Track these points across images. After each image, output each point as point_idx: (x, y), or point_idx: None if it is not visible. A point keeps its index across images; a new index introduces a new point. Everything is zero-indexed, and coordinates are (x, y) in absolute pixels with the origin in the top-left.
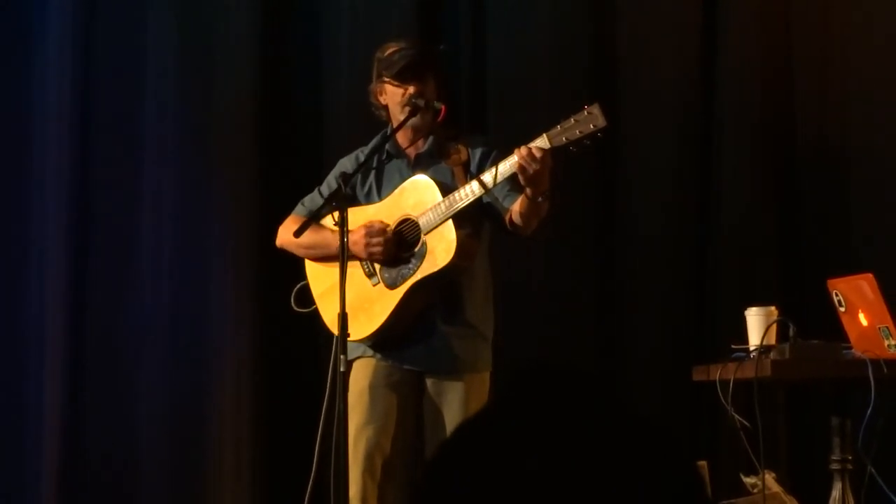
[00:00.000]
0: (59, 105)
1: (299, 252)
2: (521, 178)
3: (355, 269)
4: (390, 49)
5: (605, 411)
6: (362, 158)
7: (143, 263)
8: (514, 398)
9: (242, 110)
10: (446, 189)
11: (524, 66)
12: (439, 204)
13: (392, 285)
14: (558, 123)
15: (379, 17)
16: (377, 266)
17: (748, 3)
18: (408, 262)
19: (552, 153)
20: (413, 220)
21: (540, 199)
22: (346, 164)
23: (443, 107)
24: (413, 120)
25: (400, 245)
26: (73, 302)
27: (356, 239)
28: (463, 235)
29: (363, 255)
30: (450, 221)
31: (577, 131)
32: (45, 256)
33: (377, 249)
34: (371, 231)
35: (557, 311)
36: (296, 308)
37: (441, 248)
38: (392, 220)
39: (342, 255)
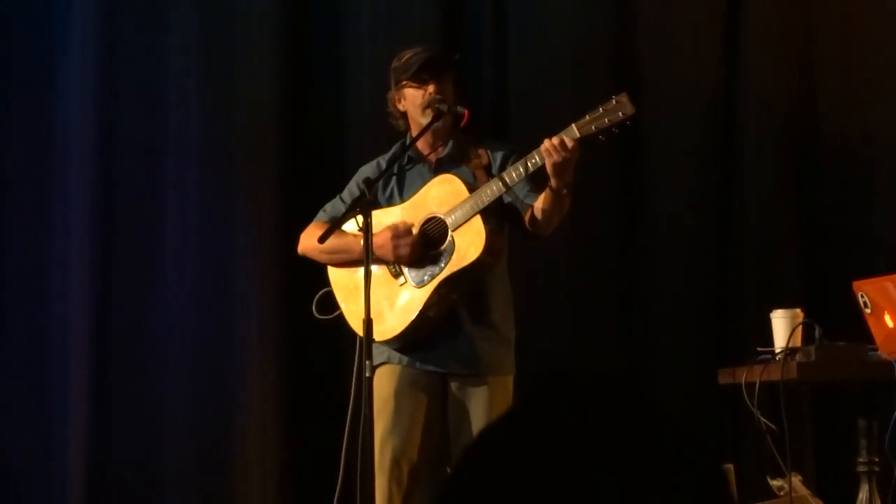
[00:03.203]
0: (82, 114)
1: (322, 258)
2: (548, 167)
3: (381, 271)
4: (406, 55)
5: (630, 414)
6: (384, 165)
7: (166, 271)
8: (537, 402)
9: (265, 119)
10: (470, 188)
11: (546, 71)
12: (466, 200)
13: (420, 284)
14: (587, 113)
15: (401, 22)
16: (404, 266)
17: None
18: (435, 259)
19: (581, 143)
20: (439, 219)
21: (564, 191)
22: (367, 171)
23: (466, 111)
24: (435, 125)
25: (426, 244)
26: (98, 307)
27: (382, 241)
28: (491, 231)
29: (390, 257)
30: (478, 217)
31: (606, 120)
32: (69, 262)
33: (404, 252)
34: (397, 232)
35: (580, 315)
36: (317, 315)
37: (470, 243)
38: (417, 220)
39: (366, 260)
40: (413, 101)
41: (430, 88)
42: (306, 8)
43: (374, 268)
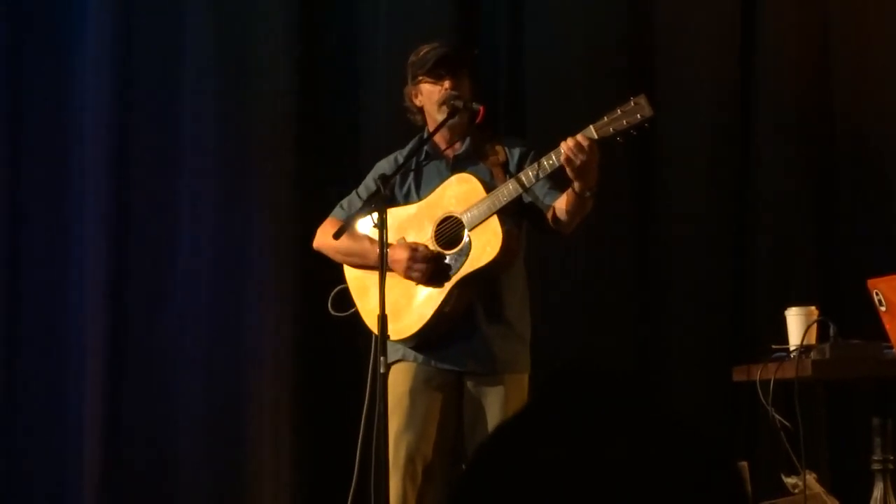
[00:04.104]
0: (98, 116)
1: (337, 257)
2: (568, 170)
3: None
4: (423, 50)
5: (643, 412)
6: (400, 160)
7: (181, 267)
8: (551, 399)
9: (281, 114)
10: (488, 187)
11: (562, 67)
12: (483, 200)
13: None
14: (605, 115)
15: (416, 19)
16: None
17: None
18: (452, 259)
19: (599, 144)
20: (455, 218)
21: (588, 194)
22: (383, 166)
23: (481, 108)
24: (451, 121)
25: (443, 244)
26: (113, 306)
27: (398, 258)
28: (507, 231)
29: (402, 275)
30: (495, 217)
31: (624, 122)
32: (84, 260)
33: (417, 276)
34: (415, 256)
35: (595, 313)
36: (333, 312)
37: (486, 243)
38: (434, 219)
39: (381, 257)
40: (429, 96)
41: (446, 84)
42: (321, 5)
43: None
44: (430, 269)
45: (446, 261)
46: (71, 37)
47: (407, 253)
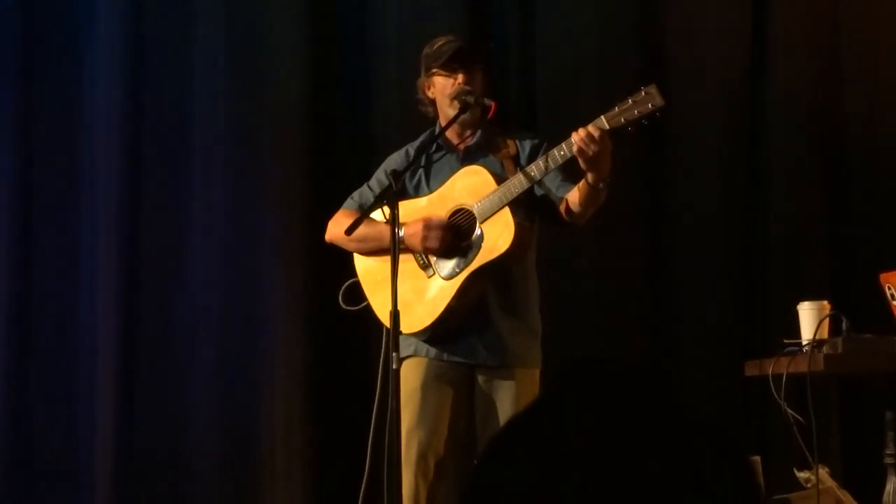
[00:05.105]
0: (109, 111)
1: (350, 246)
2: (581, 162)
3: (409, 262)
4: (438, 42)
5: (656, 406)
6: (412, 153)
7: (194, 264)
8: (563, 393)
9: (292, 107)
10: (498, 178)
11: (572, 61)
12: (494, 192)
13: (449, 276)
14: (616, 105)
15: (427, 15)
16: (432, 258)
17: None
18: (464, 251)
19: (611, 135)
20: (467, 210)
21: (601, 185)
22: (395, 159)
23: (493, 103)
24: (463, 115)
25: (455, 236)
26: (125, 306)
27: (413, 231)
28: (519, 223)
29: (420, 248)
30: (507, 209)
31: (636, 111)
32: (96, 261)
33: (434, 244)
34: (429, 224)
35: (606, 307)
36: (344, 306)
37: (499, 235)
38: (445, 211)
39: (393, 252)
40: (442, 90)
41: (459, 78)
42: (332, 3)
43: (401, 259)
44: (446, 234)
45: (461, 244)
46: (81, 43)
47: (421, 223)
